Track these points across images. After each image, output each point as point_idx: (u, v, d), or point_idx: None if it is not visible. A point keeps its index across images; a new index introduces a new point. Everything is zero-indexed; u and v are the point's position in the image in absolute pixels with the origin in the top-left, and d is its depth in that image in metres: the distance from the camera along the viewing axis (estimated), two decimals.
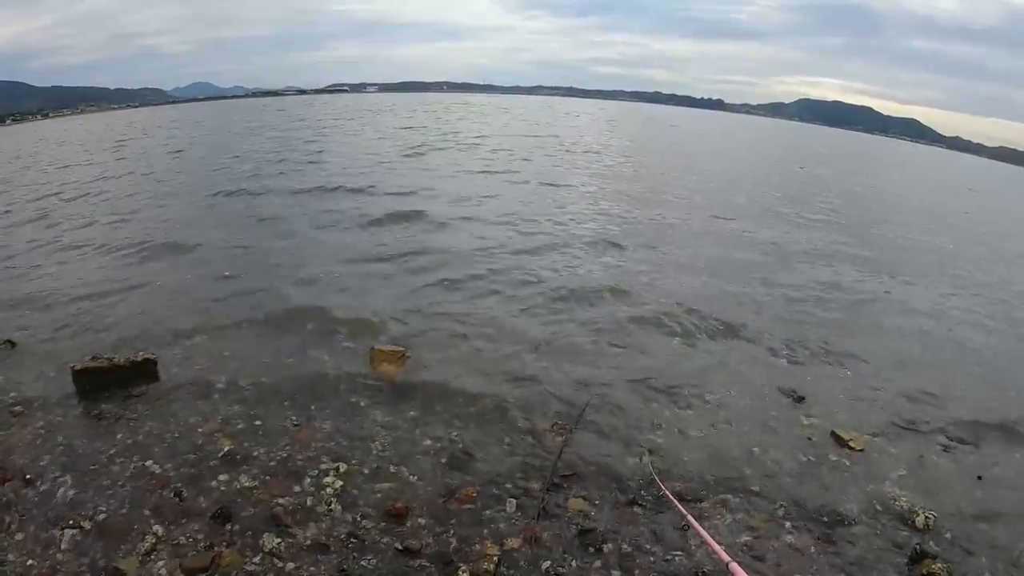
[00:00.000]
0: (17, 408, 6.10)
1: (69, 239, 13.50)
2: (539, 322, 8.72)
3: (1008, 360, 8.94)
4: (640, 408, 6.58)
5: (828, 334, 9.00)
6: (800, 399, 6.94)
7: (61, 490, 4.88)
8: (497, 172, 22.74)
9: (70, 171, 25.78)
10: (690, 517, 3.61)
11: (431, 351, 7.61)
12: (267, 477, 5.08)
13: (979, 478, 5.83)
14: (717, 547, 2.93)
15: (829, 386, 7.38)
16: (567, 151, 33.13)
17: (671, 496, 4.39)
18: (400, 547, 4.40)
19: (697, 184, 23.80)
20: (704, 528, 3.35)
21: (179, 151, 32.01)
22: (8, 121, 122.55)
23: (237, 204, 16.57)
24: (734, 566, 2.67)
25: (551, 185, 20.47)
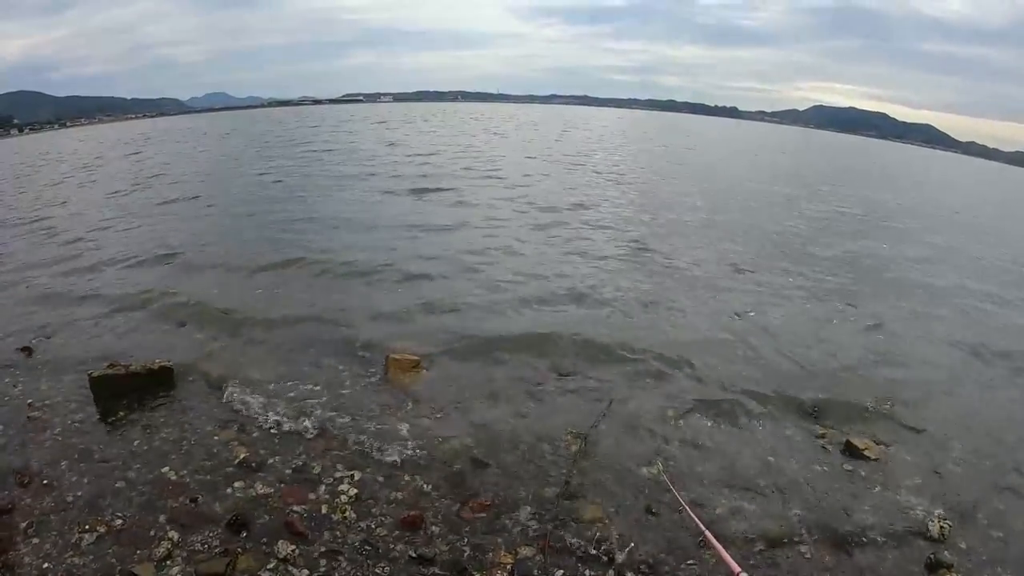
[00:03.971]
0: (35, 414, 6.18)
1: (84, 247, 13.65)
2: (555, 334, 8.66)
3: None
4: (655, 417, 6.53)
5: (846, 346, 8.95)
6: (815, 408, 6.89)
7: (78, 495, 4.94)
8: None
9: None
10: (704, 529, 3.61)
11: (446, 359, 7.64)
12: (282, 484, 5.12)
13: (995, 486, 5.76)
14: (727, 557, 2.93)
15: (844, 396, 7.31)
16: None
17: (686, 505, 4.38)
18: (414, 555, 4.41)
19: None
20: (719, 537, 3.34)
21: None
22: (26, 131, 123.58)
23: (266, 220, 16.30)
24: None
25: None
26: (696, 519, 3.90)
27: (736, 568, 2.79)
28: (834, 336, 9.23)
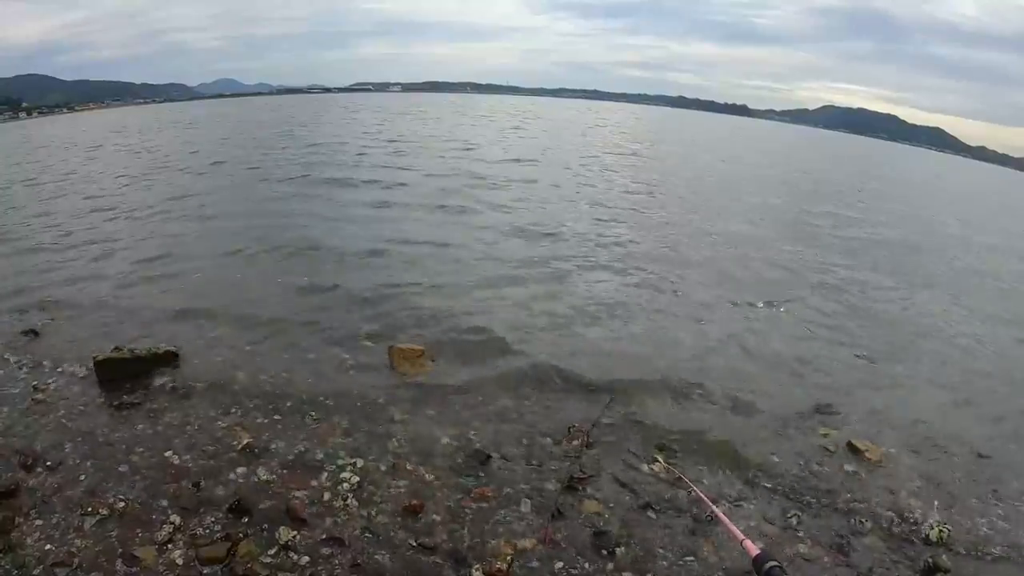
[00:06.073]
0: (40, 396, 6.20)
1: (91, 234, 13.70)
2: (561, 328, 8.72)
3: None
4: (658, 412, 6.56)
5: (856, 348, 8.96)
6: (819, 408, 6.88)
7: (81, 477, 4.96)
8: None
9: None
10: (716, 509, 3.67)
11: (450, 351, 7.66)
12: (284, 471, 5.14)
13: (995, 492, 5.76)
14: (733, 527, 3.05)
15: (848, 397, 7.30)
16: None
17: (697, 490, 4.40)
18: (414, 543, 4.43)
19: None
20: (724, 526, 3.41)
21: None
22: (34, 114, 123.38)
23: (280, 209, 16.37)
24: (747, 543, 2.77)
25: None
26: (703, 496, 3.95)
27: (740, 536, 2.91)
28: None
